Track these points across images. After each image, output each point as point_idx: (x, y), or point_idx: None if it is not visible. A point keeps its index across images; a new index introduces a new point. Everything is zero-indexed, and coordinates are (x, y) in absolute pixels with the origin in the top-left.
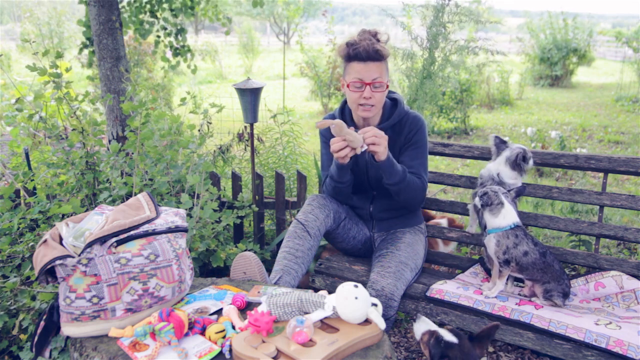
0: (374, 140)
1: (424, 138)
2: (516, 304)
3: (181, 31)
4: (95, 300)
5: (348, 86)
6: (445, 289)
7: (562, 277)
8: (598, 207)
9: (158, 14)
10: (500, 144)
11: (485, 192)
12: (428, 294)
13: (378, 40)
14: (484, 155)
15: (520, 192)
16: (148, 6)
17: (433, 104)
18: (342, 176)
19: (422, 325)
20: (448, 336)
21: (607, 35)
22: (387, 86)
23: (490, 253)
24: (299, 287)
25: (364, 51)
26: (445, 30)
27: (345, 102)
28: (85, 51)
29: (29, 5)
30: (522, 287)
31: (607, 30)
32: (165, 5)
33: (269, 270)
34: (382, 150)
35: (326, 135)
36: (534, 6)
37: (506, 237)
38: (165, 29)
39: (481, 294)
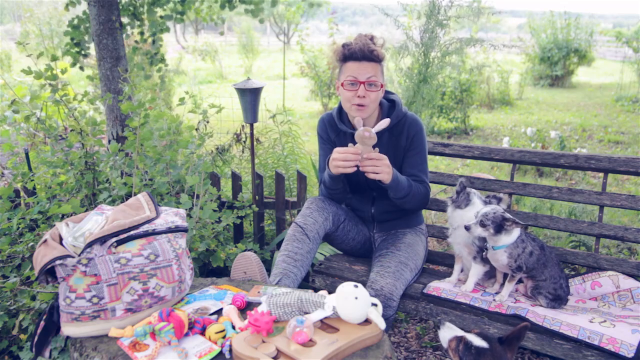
0: (374, 170)
1: (423, 141)
2: (512, 302)
3: (155, 35)
4: (95, 300)
5: (342, 85)
6: (442, 286)
7: (558, 274)
8: (598, 207)
9: (143, 17)
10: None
11: (494, 220)
12: (425, 291)
13: (374, 43)
14: (484, 155)
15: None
16: (130, 8)
17: (430, 107)
18: (335, 184)
19: (448, 332)
20: (478, 341)
21: (607, 35)
22: (382, 86)
23: (500, 267)
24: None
25: (359, 50)
26: (442, 29)
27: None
28: (90, 52)
29: (29, 5)
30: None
31: (607, 30)
32: (157, 10)
33: (268, 270)
34: (385, 177)
35: (324, 137)
36: (534, 6)
37: (516, 247)
38: (142, 34)
39: (478, 292)
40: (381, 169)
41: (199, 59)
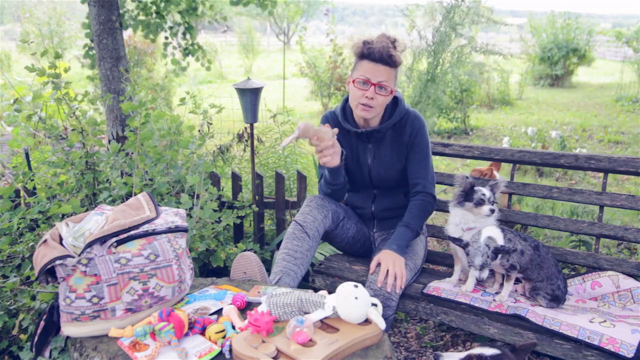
0: (397, 276)
1: (425, 139)
2: (512, 301)
3: (190, 29)
4: (95, 300)
5: (354, 82)
6: (442, 286)
7: (555, 275)
8: (598, 207)
9: (164, 14)
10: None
11: (491, 257)
12: (425, 291)
13: (395, 47)
14: (484, 155)
15: (496, 186)
16: (154, 7)
17: (435, 107)
18: (336, 179)
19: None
20: (488, 351)
21: (607, 35)
22: (392, 92)
23: (495, 267)
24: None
25: (378, 52)
26: (455, 31)
27: (346, 101)
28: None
29: (29, 5)
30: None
31: (607, 30)
32: (171, 7)
33: (268, 270)
34: (406, 273)
35: None
36: (534, 6)
37: None
38: (172, 28)
39: (478, 292)
40: (400, 273)
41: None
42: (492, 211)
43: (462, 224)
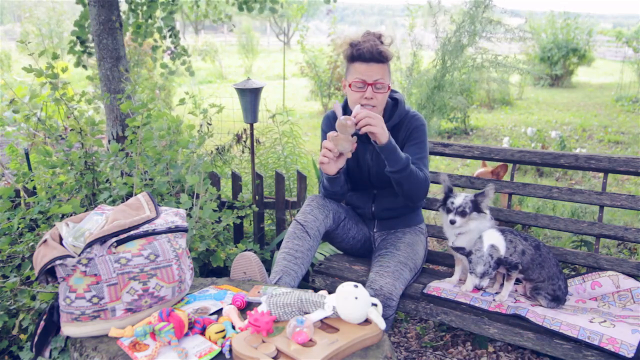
0: (368, 121)
1: (423, 135)
2: (512, 301)
3: (172, 30)
4: (95, 300)
5: (350, 86)
6: (442, 286)
7: (556, 275)
8: (598, 207)
9: (157, 14)
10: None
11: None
12: (425, 291)
13: (382, 43)
14: (484, 155)
15: (482, 197)
16: (145, 8)
17: (440, 113)
18: (334, 186)
19: None
20: None
21: (607, 35)
22: (389, 88)
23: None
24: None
25: (368, 52)
26: (474, 40)
27: (347, 102)
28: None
29: (29, 5)
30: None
31: (607, 30)
32: (153, 9)
33: (268, 270)
34: (380, 132)
35: (327, 132)
36: (533, 6)
37: (506, 248)
38: (161, 31)
39: (478, 292)
40: (375, 122)
41: (199, 59)
42: (453, 222)
43: (451, 229)
